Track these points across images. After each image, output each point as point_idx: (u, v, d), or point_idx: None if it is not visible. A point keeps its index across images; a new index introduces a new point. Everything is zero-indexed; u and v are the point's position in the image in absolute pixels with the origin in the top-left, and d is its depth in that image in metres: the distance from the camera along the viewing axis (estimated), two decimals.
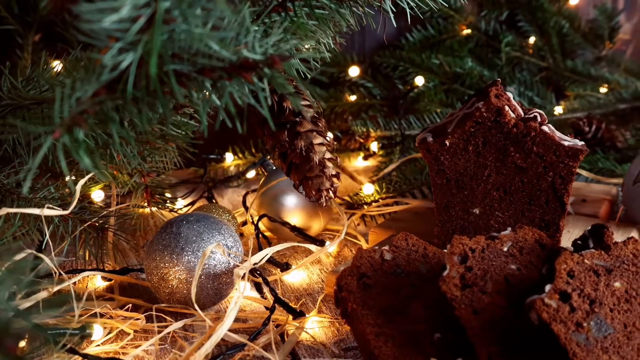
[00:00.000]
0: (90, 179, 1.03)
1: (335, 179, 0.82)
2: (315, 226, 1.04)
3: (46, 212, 0.72)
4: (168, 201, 1.21)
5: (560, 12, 1.71)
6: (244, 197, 1.12)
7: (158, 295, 0.84)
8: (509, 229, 0.75)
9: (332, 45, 0.94)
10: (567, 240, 0.93)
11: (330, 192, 0.82)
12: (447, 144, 0.86)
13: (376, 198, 1.13)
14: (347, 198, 1.15)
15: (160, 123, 1.07)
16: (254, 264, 0.83)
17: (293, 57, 0.54)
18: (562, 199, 0.86)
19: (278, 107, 0.80)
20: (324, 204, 0.82)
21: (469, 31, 1.65)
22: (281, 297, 0.88)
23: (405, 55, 1.56)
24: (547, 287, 0.65)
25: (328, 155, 0.82)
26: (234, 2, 0.56)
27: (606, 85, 1.65)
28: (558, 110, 1.56)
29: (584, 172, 1.22)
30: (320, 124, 0.82)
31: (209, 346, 0.65)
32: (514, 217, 0.88)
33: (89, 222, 0.86)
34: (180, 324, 0.78)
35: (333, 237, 1.06)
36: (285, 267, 0.93)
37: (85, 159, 0.49)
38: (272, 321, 0.80)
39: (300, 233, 1.01)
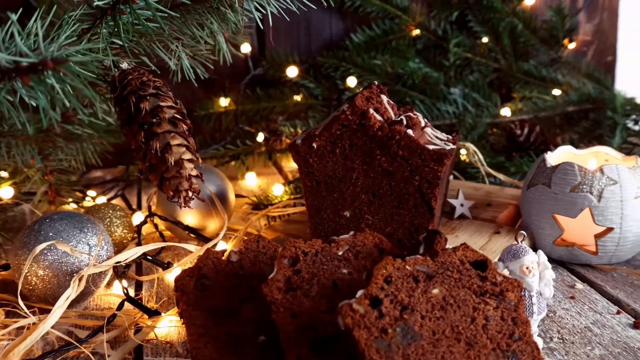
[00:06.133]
0: None
1: (194, 180, 0.82)
2: (211, 226, 1.05)
3: None
4: (89, 198, 1.23)
5: (514, 13, 1.68)
6: (150, 196, 1.13)
7: (24, 292, 0.85)
8: (351, 232, 0.75)
9: (217, 45, 0.95)
10: (453, 245, 0.91)
11: (190, 192, 0.82)
12: (315, 147, 0.86)
13: (282, 199, 1.13)
14: (254, 198, 1.15)
15: (65, 122, 1.09)
16: (117, 263, 0.84)
17: (69, 61, 0.55)
18: (429, 203, 0.85)
19: (135, 107, 0.81)
20: (182, 205, 0.82)
21: (417, 32, 1.63)
22: (154, 295, 0.89)
23: (348, 55, 1.55)
24: (359, 293, 0.64)
25: (187, 156, 0.82)
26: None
27: (558, 87, 1.62)
28: (506, 112, 1.54)
29: (501, 176, 1.21)
30: (180, 125, 0.82)
31: (28, 342, 0.67)
32: (383, 220, 0.88)
33: None
34: (34, 319, 0.79)
35: (232, 237, 1.07)
36: (167, 266, 0.94)
37: None
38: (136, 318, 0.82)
39: (194, 232, 1.02)
